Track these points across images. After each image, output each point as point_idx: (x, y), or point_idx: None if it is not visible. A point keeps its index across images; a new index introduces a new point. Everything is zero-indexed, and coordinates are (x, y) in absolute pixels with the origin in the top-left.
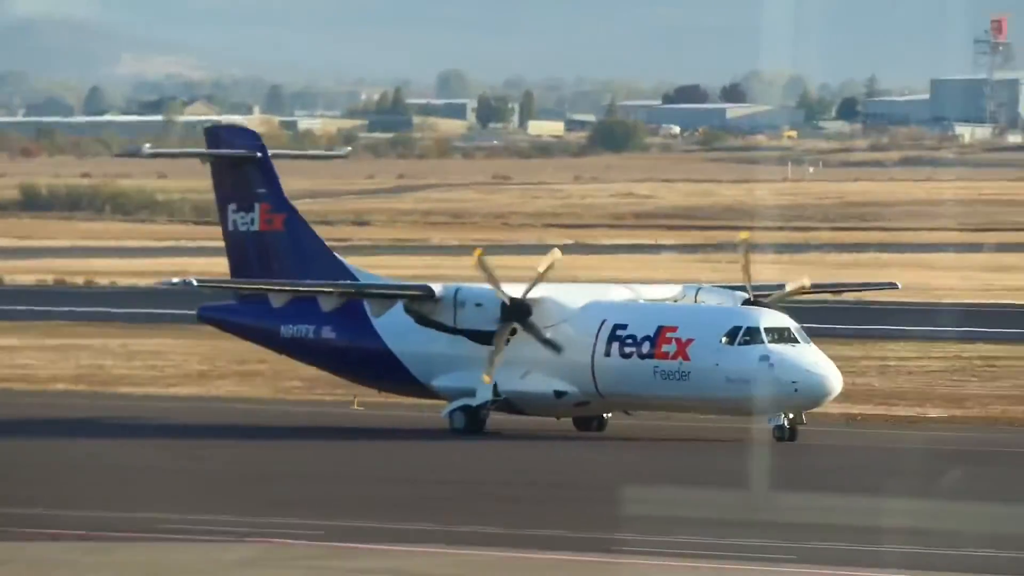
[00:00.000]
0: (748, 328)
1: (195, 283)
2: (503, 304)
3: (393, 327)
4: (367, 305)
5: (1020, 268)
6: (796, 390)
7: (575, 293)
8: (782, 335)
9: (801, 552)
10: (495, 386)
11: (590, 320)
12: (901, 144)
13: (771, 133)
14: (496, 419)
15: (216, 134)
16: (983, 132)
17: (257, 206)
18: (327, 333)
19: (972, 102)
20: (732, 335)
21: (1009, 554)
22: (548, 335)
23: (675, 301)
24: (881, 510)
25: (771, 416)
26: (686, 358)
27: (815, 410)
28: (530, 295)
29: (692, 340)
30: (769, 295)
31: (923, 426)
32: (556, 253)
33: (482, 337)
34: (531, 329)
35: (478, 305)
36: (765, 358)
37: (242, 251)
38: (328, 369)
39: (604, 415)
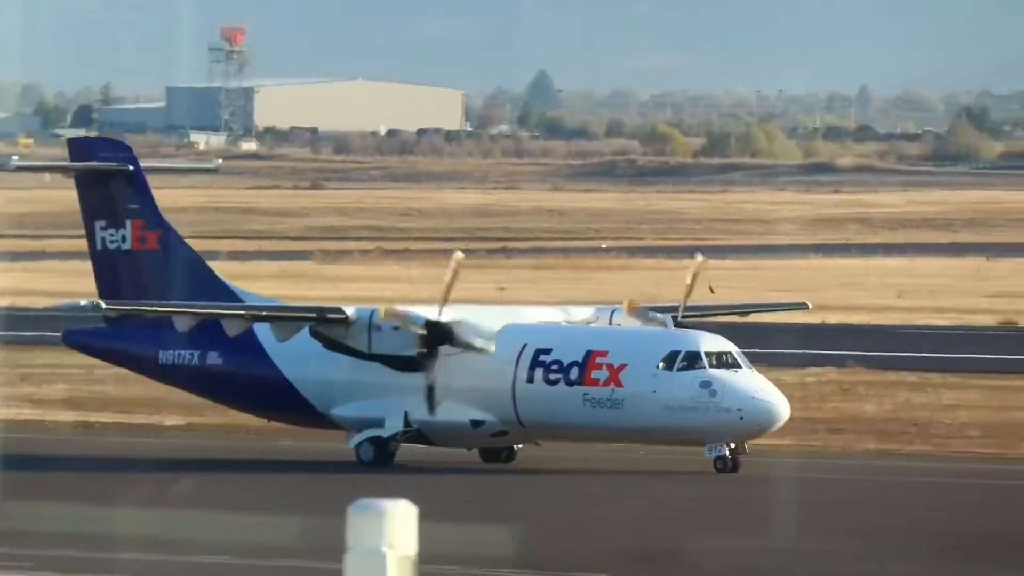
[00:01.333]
0: (687, 352)
1: (103, 306)
2: (426, 325)
3: (287, 353)
4: (261, 330)
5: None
6: (742, 418)
7: (490, 314)
8: (723, 360)
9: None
10: (406, 416)
11: (509, 344)
12: (140, 152)
13: (8, 140)
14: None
15: (82, 146)
16: (218, 140)
17: (128, 223)
18: (213, 359)
19: (207, 110)
20: (670, 360)
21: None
22: (473, 343)
23: (587, 324)
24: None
25: (712, 446)
26: (619, 384)
27: None
28: (444, 316)
29: (625, 365)
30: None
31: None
32: (459, 255)
33: (399, 363)
34: (459, 343)
35: (395, 329)
36: (707, 384)
37: (112, 271)
38: (213, 397)
39: (514, 446)
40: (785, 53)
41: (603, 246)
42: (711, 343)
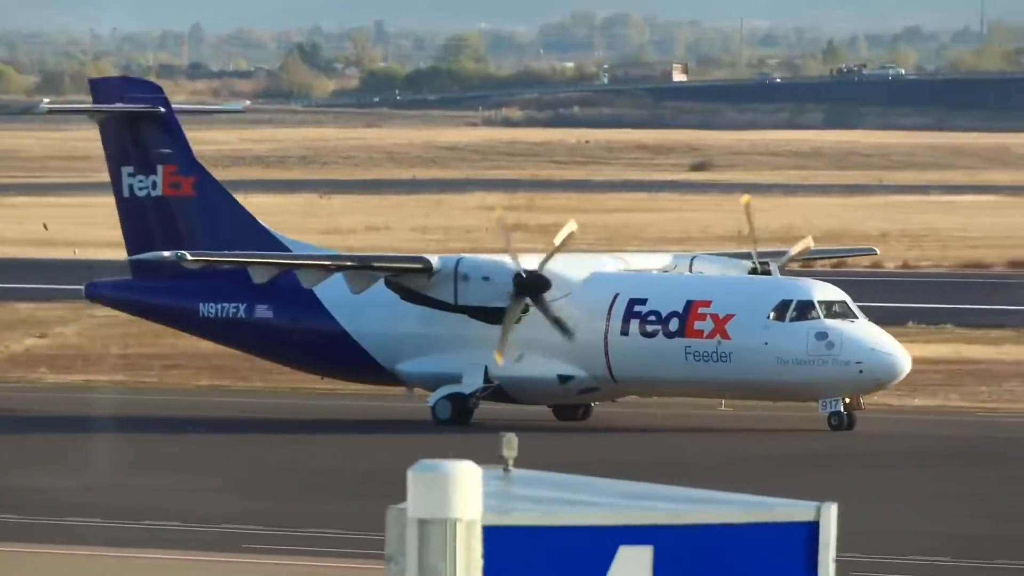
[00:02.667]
0: (800, 302)
1: (188, 257)
2: (517, 276)
3: (346, 304)
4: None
5: None
6: (861, 371)
7: (575, 263)
8: (838, 309)
9: None
10: (486, 371)
11: (599, 294)
12: None
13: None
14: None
15: (104, 87)
16: None
17: (160, 168)
18: (262, 312)
19: None
20: (781, 310)
21: None
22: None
23: (665, 271)
24: None
25: (826, 401)
26: (726, 336)
27: None
28: (547, 268)
29: (732, 316)
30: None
31: None
32: (573, 224)
33: (487, 315)
34: (543, 306)
35: (485, 279)
36: (823, 335)
37: (141, 220)
38: (260, 353)
39: (591, 403)
40: None
41: None
42: (824, 291)
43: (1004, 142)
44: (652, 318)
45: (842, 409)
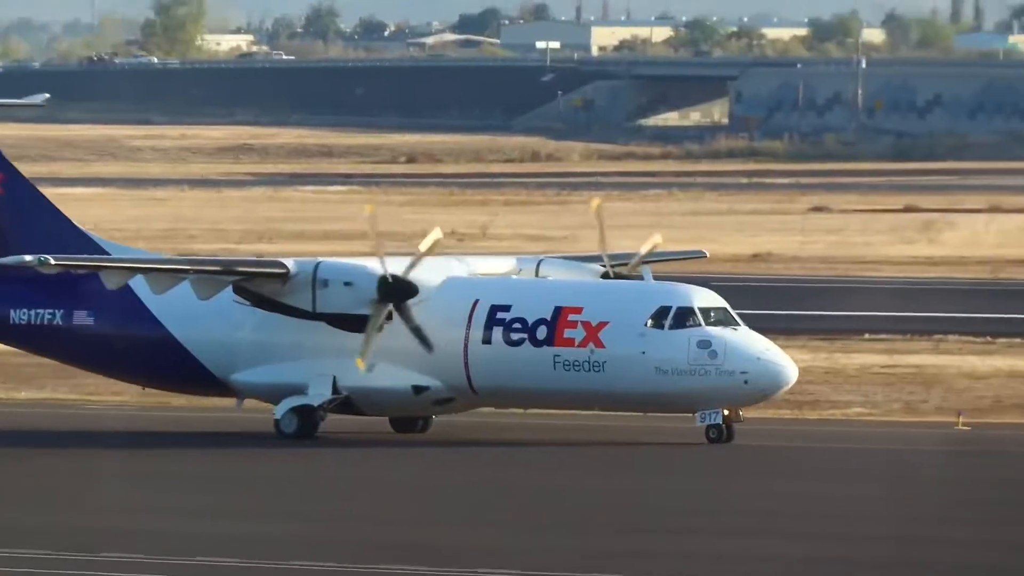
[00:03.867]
0: (679, 308)
1: (52, 261)
2: (383, 281)
3: (175, 309)
4: (137, 283)
5: None
6: (746, 382)
7: (428, 267)
8: (719, 316)
9: None
10: (334, 381)
11: (456, 300)
12: None
13: None
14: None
15: None
16: None
17: None
18: (82, 319)
19: None
20: (659, 317)
21: None
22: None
23: (508, 275)
24: None
25: (704, 413)
26: (599, 345)
27: None
28: (412, 274)
29: (606, 324)
30: (625, 264)
31: None
32: (438, 231)
33: (348, 322)
34: (405, 314)
35: (347, 284)
36: (706, 344)
37: None
38: (79, 363)
39: (432, 416)
40: None
41: None
42: (704, 298)
43: (111, 134)
44: (517, 326)
45: (721, 422)
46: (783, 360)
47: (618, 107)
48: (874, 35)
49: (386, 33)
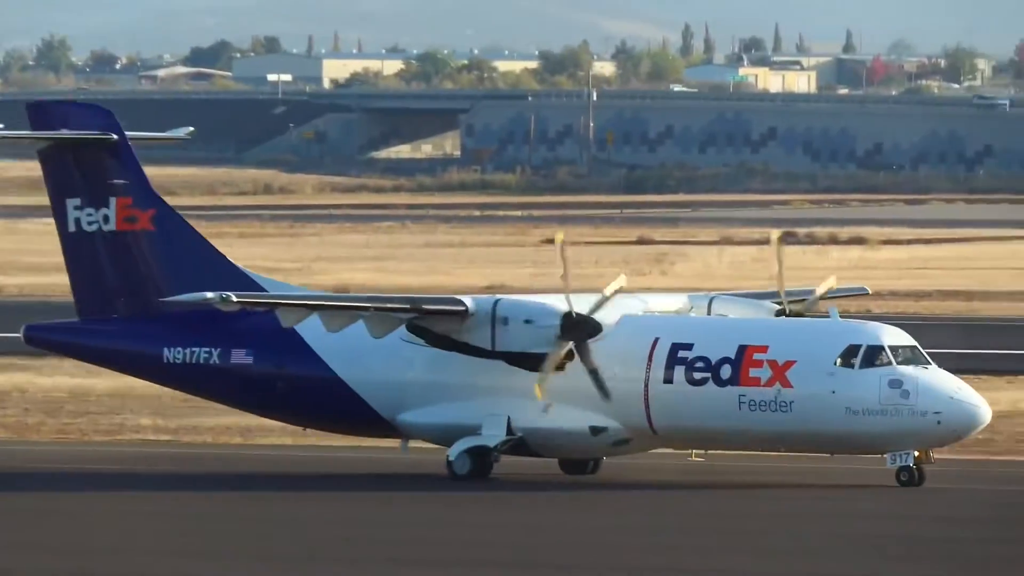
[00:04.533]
0: (869, 347)
1: (234, 299)
2: (567, 317)
3: (338, 348)
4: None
5: None
6: (939, 422)
7: (609, 304)
8: (910, 355)
9: None
10: (508, 422)
11: (635, 338)
12: None
13: None
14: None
15: (46, 111)
16: None
17: (113, 201)
18: (240, 357)
19: None
20: (848, 356)
21: None
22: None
23: (679, 312)
24: None
25: (895, 455)
26: (787, 384)
27: None
28: (597, 315)
29: (793, 362)
30: (802, 301)
31: None
32: (623, 279)
33: (527, 361)
34: (584, 353)
35: (527, 322)
36: (898, 383)
37: (90, 257)
38: (237, 403)
39: (603, 457)
40: None
41: None
42: (894, 336)
43: None
44: (700, 365)
45: (912, 464)
46: (977, 400)
47: (350, 140)
48: (605, 68)
49: (118, 66)
